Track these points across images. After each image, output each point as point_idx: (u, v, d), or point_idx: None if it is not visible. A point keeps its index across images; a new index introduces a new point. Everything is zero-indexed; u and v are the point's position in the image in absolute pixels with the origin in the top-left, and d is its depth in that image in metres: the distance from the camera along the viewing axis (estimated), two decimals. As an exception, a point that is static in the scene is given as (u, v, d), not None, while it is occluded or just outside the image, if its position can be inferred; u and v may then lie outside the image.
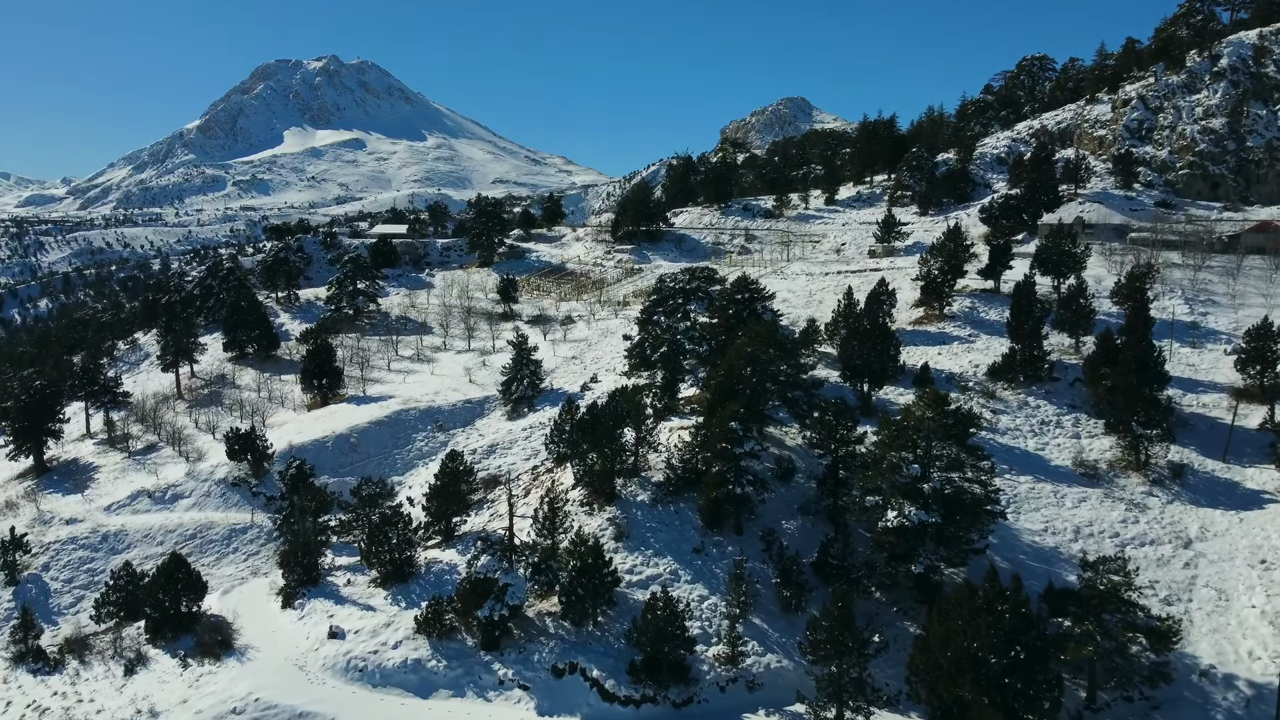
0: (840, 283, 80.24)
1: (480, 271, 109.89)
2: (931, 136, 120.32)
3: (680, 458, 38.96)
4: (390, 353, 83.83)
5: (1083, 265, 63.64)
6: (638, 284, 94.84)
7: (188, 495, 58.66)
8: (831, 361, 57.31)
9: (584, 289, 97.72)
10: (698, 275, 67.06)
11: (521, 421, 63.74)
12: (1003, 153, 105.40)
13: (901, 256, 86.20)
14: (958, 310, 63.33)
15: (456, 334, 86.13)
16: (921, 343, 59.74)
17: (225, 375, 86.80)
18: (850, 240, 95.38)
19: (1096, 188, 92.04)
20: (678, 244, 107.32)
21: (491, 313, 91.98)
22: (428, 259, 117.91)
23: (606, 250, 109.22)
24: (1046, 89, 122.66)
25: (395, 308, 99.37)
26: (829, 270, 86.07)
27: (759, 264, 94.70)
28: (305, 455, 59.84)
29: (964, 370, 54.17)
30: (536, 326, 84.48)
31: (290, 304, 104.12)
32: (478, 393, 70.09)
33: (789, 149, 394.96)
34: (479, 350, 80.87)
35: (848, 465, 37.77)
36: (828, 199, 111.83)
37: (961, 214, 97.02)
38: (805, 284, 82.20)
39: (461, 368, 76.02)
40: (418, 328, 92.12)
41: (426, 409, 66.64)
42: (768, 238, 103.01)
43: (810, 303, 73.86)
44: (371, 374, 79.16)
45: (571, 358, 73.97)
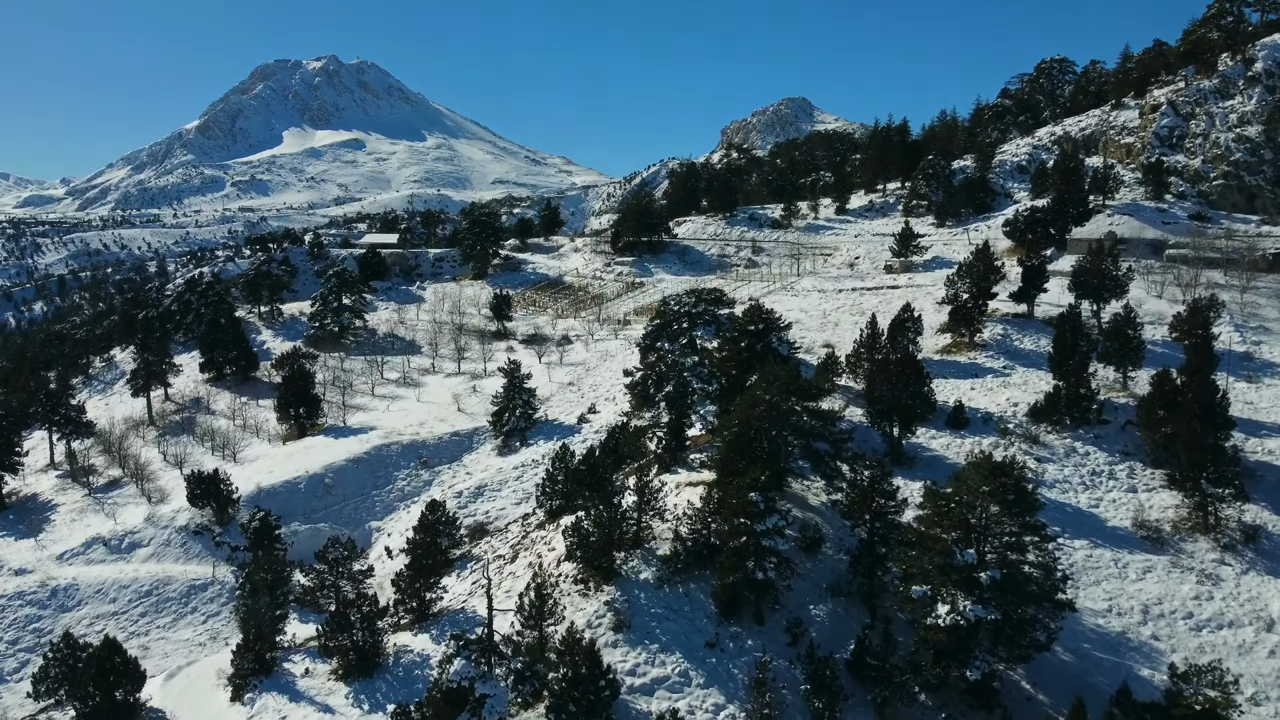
0: (856, 301, 75.09)
1: (474, 284, 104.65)
2: (946, 142, 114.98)
3: (690, 526, 33.71)
4: (375, 375, 78.60)
5: (1125, 289, 58.35)
6: (639, 300, 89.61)
7: (146, 544, 53.45)
8: (854, 397, 52.06)
9: (582, 305, 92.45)
10: (704, 297, 61.78)
11: (513, 458, 58.55)
12: (1023, 160, 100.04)
13: (920, 273, 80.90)
14: (989, 338, 58.03)
15: (446, 354, 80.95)
16: (951, 374, 54.43)
17: (201, 399, 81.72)
18: (864, 254, 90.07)
19: (1125, 199, 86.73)
20: (681, 256, 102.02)
21: (484, 331, 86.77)
22: (419, 270, 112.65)
23: (606, 262, 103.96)
24: (1067, 93, 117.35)
25: (383, 324, 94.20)
26: (843, 287, 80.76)
27: (767, 279, 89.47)
28: (275, 499, 54.66)
29: (1002, 410, 48.86)
30: (531, 347, 79.28)
31: (273, 320, 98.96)
32: (466, 423, 64.88)
33: (792, 151, 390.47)
34: (469, 374, 75.65)
35: (886, 539, 32.50)
36: (838, 208, 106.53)
37: (981, 225, 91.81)
38: (818, 302, 76.93)
39: (450, 394, 70.82)
40: (405, 347, 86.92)
41: (410, 443, 61.39)
42: (776, 250, 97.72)
43: (825, 325, 68.58)
44: (354, 399, 74.06)
45: (568, 384, 68.74)
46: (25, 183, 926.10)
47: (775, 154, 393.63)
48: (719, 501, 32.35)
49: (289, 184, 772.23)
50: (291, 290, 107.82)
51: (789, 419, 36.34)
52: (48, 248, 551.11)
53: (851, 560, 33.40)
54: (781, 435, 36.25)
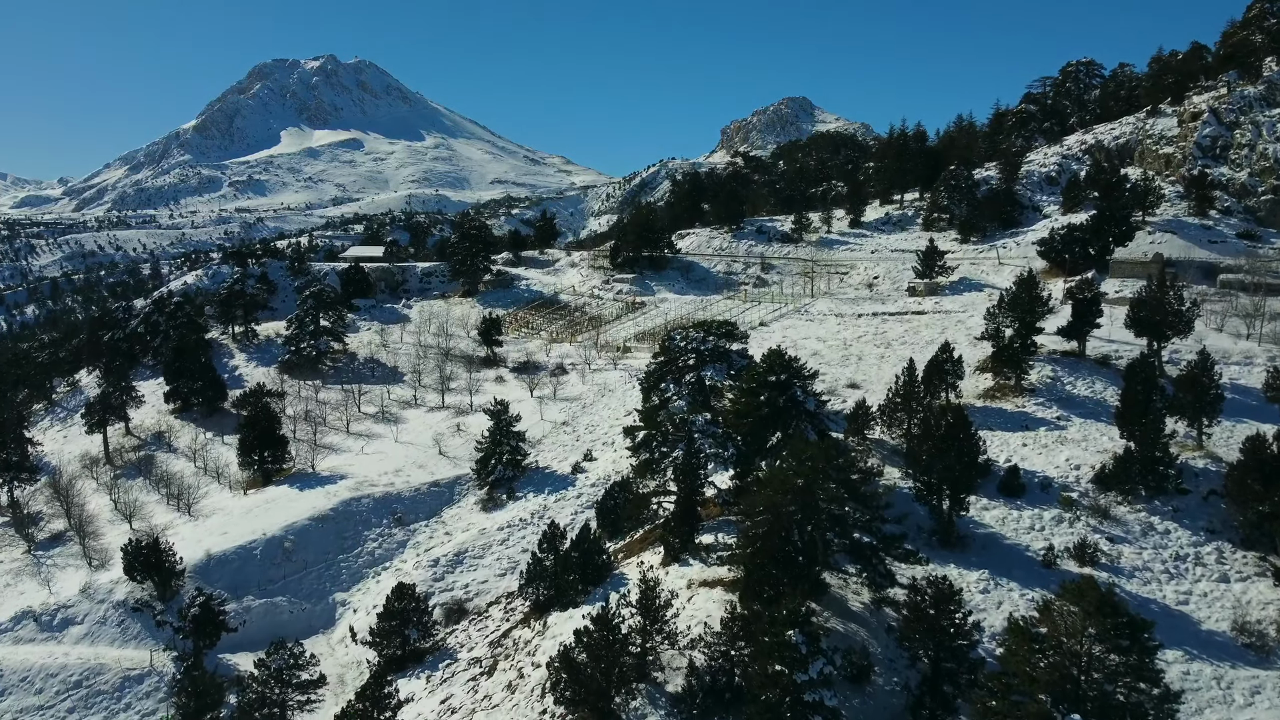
0: (878, 329, 68.43)
1: (463, 303, 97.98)
2: (966, 150, 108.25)
3: (708, 655, 27.10)
4: (352, 408, 71.96)
5: (1190, 325, 51.69)
6: (640, 323, 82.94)
7: (80, 620, 46.79)
8: (889, 453, 45.46)
9: (578, 327, 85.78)
10: (714, 330, 55.01)
11: (498, 514, 51.94)
12: (1052, 171, 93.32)
13: (947, 296, 74.25)
14: (1037, 381, 51.36)
15: (430, 384, 74.35)
16: (997, 424, 47.78)
17: (164, 433, 75.19)
18: (883, 273, 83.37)
19: (1166, 214, 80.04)
20: (685, 273, 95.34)
21: (472, 357, 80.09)
22: (406, 286, 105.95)
23: (605, 279, 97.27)
24: (1093, 97, 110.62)
25: (365, 347, 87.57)
26: (862, 311, 74.08)
27: (778, 299, 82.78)
28: (227, 568, 48.02)
29: (1062, 474, 42.20)
30: (523, 377, 72.65)
31: (248, 342, 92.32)
32: (447, 470, 58.27)
33: (795, 153, 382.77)
34: (454, 408, 69.00)
35: (954, 677, 25.89)
36: (852, 221, 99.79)
37: (1009, 242, 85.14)
38: (836, 329, 70.26)
39: (431, 434, 64.22)
40: (387, 374, 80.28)
41: (383, 496, 54.74)
42: (787, 267, 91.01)
43: (847, 358, 61.90)
44: (327, 437, 67.45)
45: (562, 423, 62.08)
46: (22, 183, 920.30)
47: (778, 156, 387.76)
48: (745, 628, 25.74)
49: (286, 184, 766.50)
50: (269, 308, 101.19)
51: (829, 509, 29.72)
52: (42, 249, 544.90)
53: (911, 702, 26.75)
54: (819, 529, 29.65)
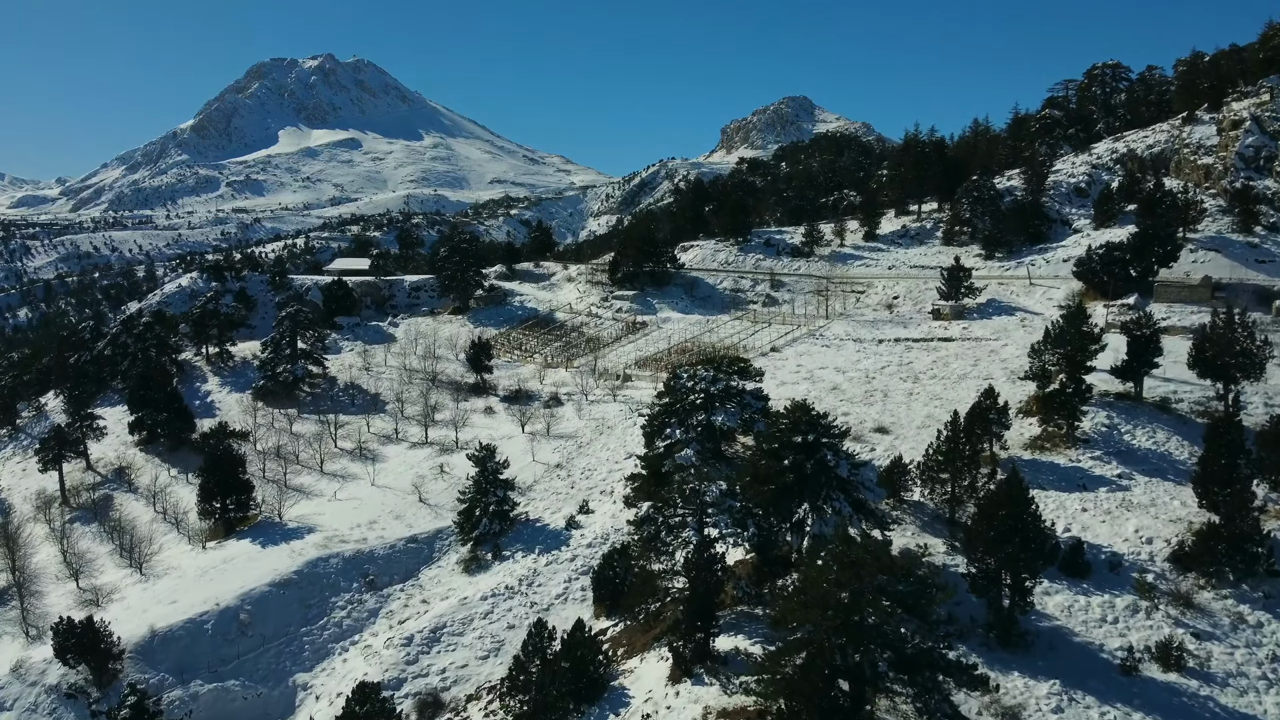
0: (903, 358, 62.61)
1: (453, 321, 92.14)
2: (986, 158, 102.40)
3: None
4: (328, 442, 66.14)
5: (1262, 367, 45.90)
6: (641, 346, 77.13)
7: (9, 706, 40.88)
8: (929, 520, 39.76)
9: (575, 349, 79.97)
10: (725, 367, 49.37)
11: (482, 578, 46.15)
12: (1081, 181, 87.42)
13: (975, 320, 68.40)
14: (1091, 429, 45.52)
15: (414, 414, 68.57)
16: (1050, 482, 41.98)
17: (126, 469, 69.53)
18: (904, 292, 77.48)
19: (1209, 230, 74.26)
20: (689, 290, 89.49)
21: (460, 384, 74.33)
22: (393, 301, 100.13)
23: (603, 296, 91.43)
24: (1119, 101, 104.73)
25: (346, 371, 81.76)
26: (884, 336, 68.28)
27: (790, 321, 77.00)
28: (174, 646, 42.20)
29: (1133, 549, 36.40)
30: (514, 408, 66.83)
31: (222, 364, 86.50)
32: (428, 521, 52.51)
33: (797, 154, 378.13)
34: (438, 444, 63.19)
35: None
36: (867, 233, 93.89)
37: (1038, 259, 79.28)
38: (856, 357, 64.43)
39: (412, 475, 58.43)
40: (368, 402, 74.49)
41: (354, 554, 48.91)
42: (798, 285, 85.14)
43: (872, 394, 56.01)
44: (298, 477, 61.77)
45: (556, 466, 56.24)
46: (20, 182, 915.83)
47: (780, 157, 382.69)
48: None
49: (284, 184, 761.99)
50: (248, 326, 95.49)
51: (878, 631, 23.94)
52: (37, 250, 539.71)
53: None
54: (868, 657, 23.88)
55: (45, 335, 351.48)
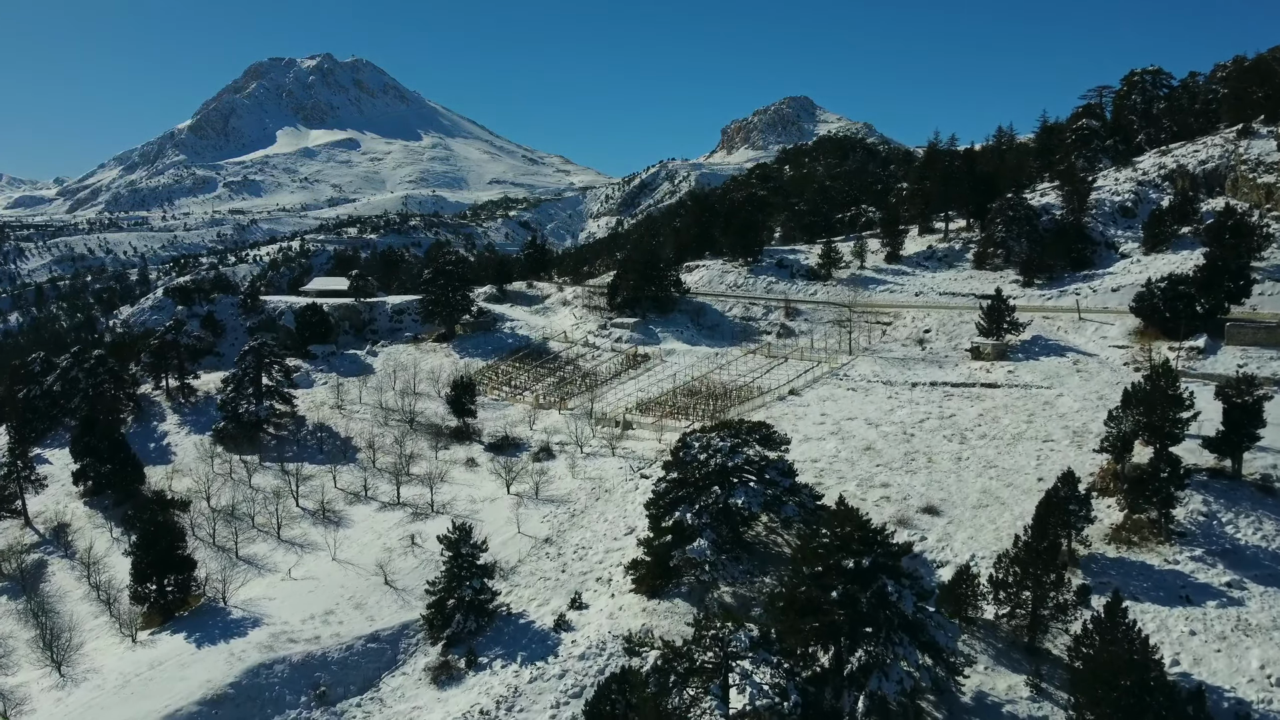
0: (943, 409, 54.85)
1: (437, 350, 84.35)
2: (1017, 171, 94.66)
3: None
4: (288, 500, 58.36)
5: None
6: (643, 384, 69.31)
7: None
8: (1006, 645, 32.01)
9: (570, 387, 72.16)
10: (743, 433, 41.62)
11: (453, 696, 38.34)
12: (1127, 200, 79.53)
13: (1021, 361, 60.55)
14: (1185, 519, 37.74)
15: (386, 465, 61.04)
16: (1145, 591, 34.23)
17: (66, 527, 62.09)
18: (936, 325, 69.60)
19: (1276, 259, 66.44)
20: (695, 318, 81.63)
21: (441, 427, 66.58)
22: (373, 326, 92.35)
23: (601, 323, 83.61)
24: (1158, 110, 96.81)
25: (317, 409, 74.03)
26: (918, 379, 60.46)
27: (809, 357, 69.18)
28: (67, 792, 34.39)
29: (1262, 693, 28.67)
30: (499, 459, 59.02)
31: (184, 399, 78.74)
32: (392, 611, 44.69)
33: (801, 157, 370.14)
34: (411, 507, 55.34)
35: None
36: (890, 254, 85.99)
37: (1084, 288, 71.43)
38: (888, 405, 56.60)
39: (379, 548, 50.64)
40: (338, 448, 66.71)
41: (304, 658, 41.06)
42: (816, 314, 77.23)
43: (913, 457, 48.16)
44: (251, 545, 54.12)
45: (545, 540, 48.38)
46: (18, 183, 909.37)
47: (783, 161, 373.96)
48: None
49: (282, 184, 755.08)
50: (216, 354, 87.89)
51: None
52: (31, 252, 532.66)
53: None
54: None
55: (35, 340, 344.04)
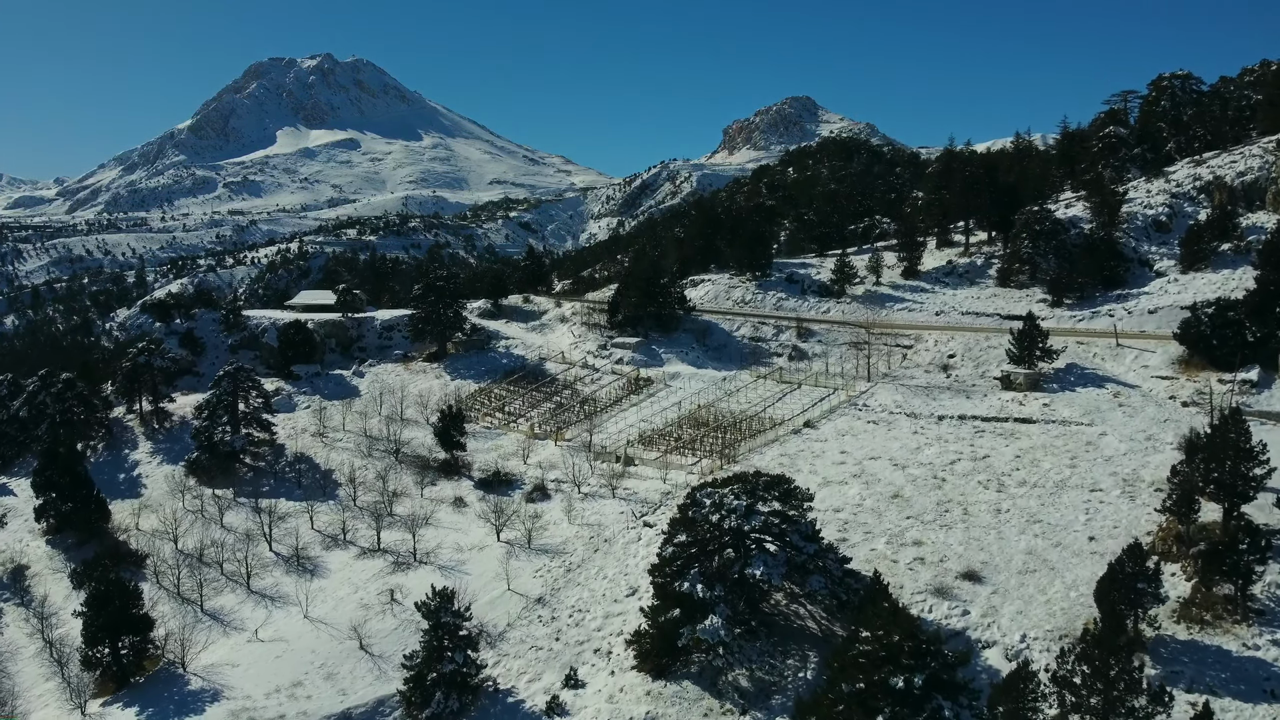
0: (975, 445, 50.25)
1: (427, 370, 79.75)
2: (1040, 180, 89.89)
3: None
4: (261, 545, 53.78)
5: None
6: (646, 412, 64.63)
7: None
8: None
9: (567, 413, 67.52)
10: (760, 488, 36.94)
11: (432, 792, 33.61)
12: (1161, 214, 74.74)
13: (1056, 392, 55.78)
14: (1263, 594, 33.00)
15: (368, 503, 56.55)
16: (1222, 684, 29.58)
17: (25, 570, 57.59)
18: (961, 350, 64.79)
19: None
20: (700, 338, 76.92)
21: (428, 460, 61.96)
22: (361, 343, 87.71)
23: (601, 343, 78.93)
24: (1188, 116, 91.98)
25: (297, 436, 69.53)
26: (945, 412, 55.73)
27: (824, 383, 64.50)
28: None
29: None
30: (489, 499, 54.50)
31: (158, 425, 74.21)
32: (367, 683, 40.12)
33: (804, 159, 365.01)
34: (392, 555, 50.67)
35: None
36: (907, 269, 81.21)
37: (1118, 310, 66.67)
38: (914, 442, 51.91)
39: (356, 603, 46.15)
40: (317, 482, 62.11)
41: (264, 743, 36.45)
42: (830, 335, 72.48)
43: (945, 507, 43.44)
44: (218, 597, 49.70)
45: (537, 600, 43.69)
46: (18, 183, 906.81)
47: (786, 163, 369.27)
48: None
49: (282, 185, 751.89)
50: (195, 373, 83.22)
51: None
52: (29, 254, 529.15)
53: None
54: None
55: (31, 343, 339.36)
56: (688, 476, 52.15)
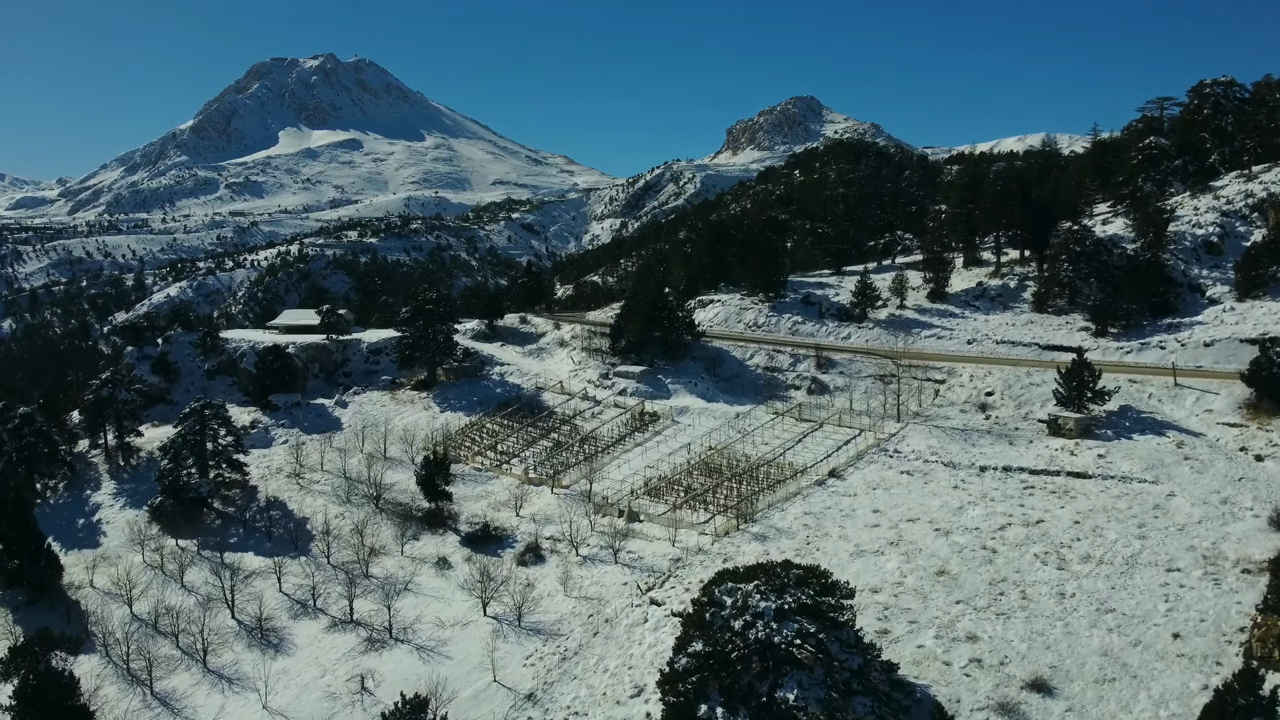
0: (1025, 507, 44.49)
1: (415, 401, 73.99)
2: (1073, 193, 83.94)
3: None
4: (221, 612, 48.06)
5: None
6: (651, 455, 58.69)
7: None
8: None
9: (566, 453, 61.65)
10: (792, 585, 31.04)
11: None
12: (1211, 234, 68.67)
13: (1113, 442, 49.81)
14: None
15: (342, 562, 50.82)
16: None
17: (-40, 632, 51.39)
18: (1000, 386, 58.81)
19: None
20: (710, 367, 71.02)
21: (410, 510, 56.24)
22: (346, 368, 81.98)
23: (603, 371, 73.11)
24: (1228, 124, 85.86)
25: (272, 476, 63.94)
26: (986, 461, 49.79)
27: (850, 422, 58.54)
28: None
29: None
30: (476, 559, 48.87)
31: (124, 461, 68.61)
32: (331, 802, 34.19)
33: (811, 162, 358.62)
34: (366, 630, 44.92)
35: None
36: (933, 292, 75.18)
37: (1169, 340, 60.63)
38: (956, 500, 46.07)
39: (322, 689, 40.49)
40: (289, 534, 56.44)
41: None
42: (854, 366, 66.50)
43: (999, 589, 37.54)
44: (171, 678, 45.11)
45: (527, 696, 37.81)
46: (20, 183, 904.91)
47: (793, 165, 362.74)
48: None
49: (284, 186, 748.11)
50: (169, 401, 77.74)
51: None
52: (29, 255, 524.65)
53: None
54: None
55: (27, 347, 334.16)
56: (700, 538, 46.38)
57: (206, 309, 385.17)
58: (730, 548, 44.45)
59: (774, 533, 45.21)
